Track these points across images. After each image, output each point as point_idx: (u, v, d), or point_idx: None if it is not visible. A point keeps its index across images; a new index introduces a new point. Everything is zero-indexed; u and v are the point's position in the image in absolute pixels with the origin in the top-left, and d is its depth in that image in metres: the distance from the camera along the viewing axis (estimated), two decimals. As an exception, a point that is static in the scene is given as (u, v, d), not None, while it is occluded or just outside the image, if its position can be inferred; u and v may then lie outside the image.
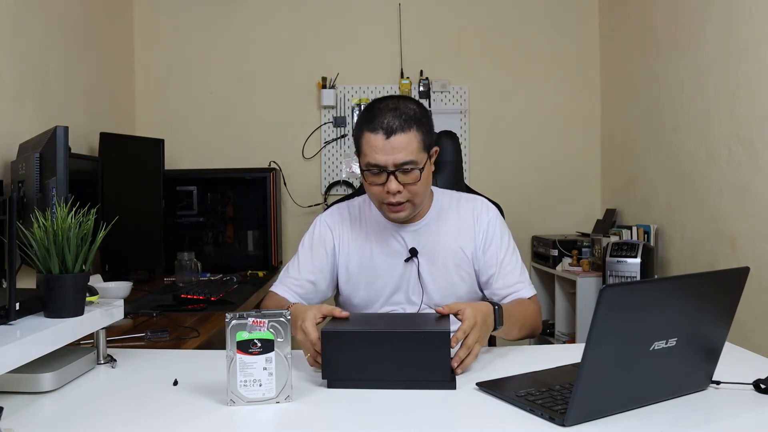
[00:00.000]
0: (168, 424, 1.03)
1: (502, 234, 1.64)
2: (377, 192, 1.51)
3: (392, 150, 1.44)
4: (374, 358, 1.16)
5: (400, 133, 1.45)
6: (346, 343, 1.17)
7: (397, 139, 1.45)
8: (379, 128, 1.45)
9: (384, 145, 1.45)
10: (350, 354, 1.16)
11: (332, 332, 1.18)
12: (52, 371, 1.16)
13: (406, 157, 1.45)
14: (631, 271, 2.87)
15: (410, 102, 1.52)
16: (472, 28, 3.67)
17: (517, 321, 1.48)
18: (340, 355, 1.17)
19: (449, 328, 1.19)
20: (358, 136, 1.51)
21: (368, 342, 1.17)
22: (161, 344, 1.62)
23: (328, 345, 1.17)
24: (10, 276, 1.14)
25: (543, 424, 0.99)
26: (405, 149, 1.45)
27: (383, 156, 1.45)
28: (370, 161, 1.47)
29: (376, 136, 1.45)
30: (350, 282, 1.65)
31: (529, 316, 1.55)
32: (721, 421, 1.03)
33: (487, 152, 3.68)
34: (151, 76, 3.55)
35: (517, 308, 1.51)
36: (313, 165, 3.61)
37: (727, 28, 2.56)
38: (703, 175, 2.74)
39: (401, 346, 1.16)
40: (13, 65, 2.24)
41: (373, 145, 1.46)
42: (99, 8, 3.00)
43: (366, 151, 1.48)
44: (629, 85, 3.41)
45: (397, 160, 1.45)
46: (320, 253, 1.64)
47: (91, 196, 2.33)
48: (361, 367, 1.16)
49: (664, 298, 1.01)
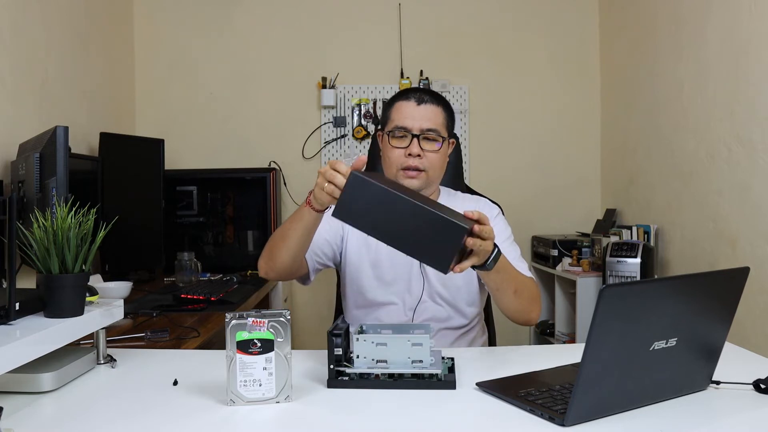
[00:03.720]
0: (168, 424, 1.03)
1: (502, 229, 1.64)
2: (397, 156, 1.57)
3: (420, 117, 1.56)
4: (388, 220, 1.15)
5: (430, 104, 1.58)
6: (370, 194, 1.16)
7: (426, 107, 1.57)
8: (411, 97, 1.59)
9: (413, 111, 1.57)
10: (368, 206, 1.15)
11: (361, 178, 1.16)
12: (52, 371, 1.15)
13: (431, 125, 1.56)
14: (631, 271, 2.88)
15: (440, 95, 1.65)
16: (472, 28, 3.67)
17: (512, 279, 1.45)
18: (359, 202, 1.16)
19: (469, 227, 1.18)
20: (388, 108, 1.63)
21: (390, 202, 1.15)
22: (161, 344, 1.62)
23: (351, 187, 1.16)
24: (10, 276, 1.14)
25: (543, 424, 0.99)
26: (432, 119, 1.57)
27: (411, 121, 1.56)
28: (398, 124, 1.57)
29: (408, 103, 1.58)
30: (352, 269, 1.66)
31: (527, 285, 1.51)
32: (721, 421, 1.03)
33: (487, 152, 3.68)
34: (151, 76, 3.55)
35: (515, 271, 1.48)
36: (313, 165, 3.61)
37: (727, 28, 2.56)
38: (703, 175, 2.74)
39: (418, 221, 1.14)
40: (14, 65, 2.24)
41: (404, 110, 1.58)
42: (99, 9, 3.00)
43: (394, 117, 1.59)
44: (629, 85, 3.41)
45: (423, 125, 1.56)
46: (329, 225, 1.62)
47: (91, 196, 2.33)
48: (372, 222, 1.16)
49: (664, 298, 1.01)
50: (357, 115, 3.60)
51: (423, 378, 1.17)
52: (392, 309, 1.64)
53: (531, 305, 1.53)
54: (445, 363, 1.23)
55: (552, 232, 3.63)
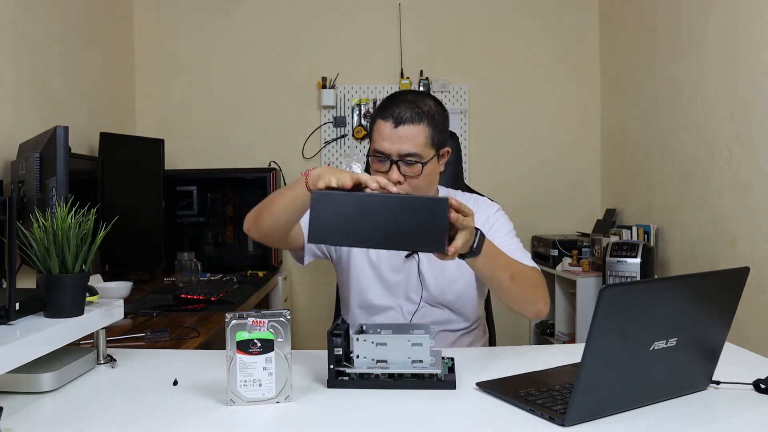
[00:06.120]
0: (168, 424, 1.03)
1: (502, 224, 1.62)
2: None
3: (398, 139, 1.46)
4: (367, 223, 1.11)
5: (409, 125, 1.47)
6: (338, 205, 1.12)
7: (404, 129, 1.46)
8: (389, 117, 1.48)
9: (391, 134, 1.47)
10: (341, 218, 1.11)
11: (324, 192, 1.14)
12: (52, 371, 1.15)
13: (410, 148, 1.46)
14: (631, 271, 2.88)
15: (428, 99, 1.54)
16: (472, 28, 3.67)
17: (507, 265, 1.40)
18: (330, 217, 1.11)
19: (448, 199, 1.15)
20: (372, 123, 1.54)
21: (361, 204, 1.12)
22: (161, 344, 1.62)
23: (317, 204, 1.11)
24: (10, 276, 1.14)
25: (543, 424, 0.99)
26: (411, 141, 1.46)
27: (389, 144, 1.47)
28: (377, 148, 1.49)
29: (386, 124, 1.48)
30: (348, 276, 1.65)
31: (526, 272, 1.46)
32: (721, 421, 1.03)
33: (486, 152, 3.69)
34: (151, 76, 3.55)
35: (510, 258, 1.44)
36: (313, 165, 3.59)
37: (727, 28, 2.56)
38: (703, 175, 2.74)
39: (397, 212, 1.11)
40: (14, 65, 2.24)
41: (382, 132, 1.48)
42: (99, 8, 3.00)
43: (374, 138, 1.51)
44: (629, 85, 3.41)
45: (401, 150, 1.46)
46: None
47: (91, 196, 2.33)
48: (351, 232, 1.12)
49: (664, 298, 1.01)
50: (357, 115, 3.60)
51: (423, 378, 1.17)
52: (392, 314, 1.63)
53: (534, 294, 1.47)
54: (445, 363, 1.23)
55: (552, 232, 3.62)
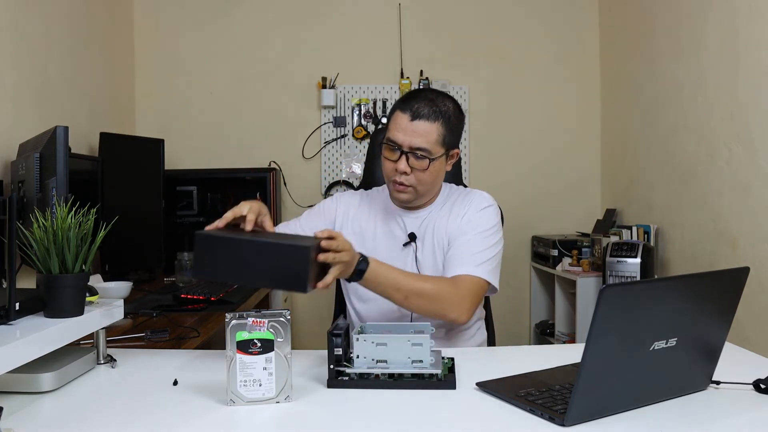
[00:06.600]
0: (168, 424, 1.03)
1: (478, 223, 1.60)
2: (388, 168, 1.58)
3: (412, 132, 1.52)
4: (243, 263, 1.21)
5: (425, 121, 1.52)
6: (217, 247, 1.23)
7: (419, 124, 1.52)
8: (408, 109, 1.53)
9: (406, 126, 1.53)
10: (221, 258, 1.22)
11: (206, 234, 1.23)
12: (52, 371, 1.16)
13: (421, 143, 1.52)
14: (631, 271, 2.88)
15: (448, 100, 1.59)
16: (472, 28, 3.67)
17: (399, 286, 1.43)
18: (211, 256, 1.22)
19: (312, 244, 1.23)
20: (391, 112, 1.60)
21: (236, 247, 1.22)
22: (161, 344, 1.62)
23: (199, 246, 1.22)
24: (10, 276, 1.14)
25: (543, 424, 0.99)
26: (423, 136, 1.52)
27: (402, 135, 1.53)
28: (390, 136, 1.55)
29: (403, 116, 1.53)
30: None
31: (427, 288, 1.46)
32: (721, 421, 1.03)
33: (486, 152, 3.68)
34: (151, 76, 3.55)
35: (406, 278, 1.46)
36: (313, 165, 3.61)
37: (727, 28, 2.56)
38: (703, 175, 2.74)
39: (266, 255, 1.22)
40: (14, 65, 2.24)
41: (398, 122, 1.54)
42: (99, 8, 3.00)
43: (390, 126, 1.57)
44: (629, 85, 3.41)
45: (413, 143, 1.52)
46: (317, 220, 1.69)
47: (91, 196, 2.33)
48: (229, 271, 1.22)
49: (664, 298, 1.01)
50: (357, 115, 3.60)
51: (423, 378, 1.17)
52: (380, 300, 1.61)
53: (439, 307, 1.47)
54: (445, 363, 1.23)
55: (552, 232, 3.62)
